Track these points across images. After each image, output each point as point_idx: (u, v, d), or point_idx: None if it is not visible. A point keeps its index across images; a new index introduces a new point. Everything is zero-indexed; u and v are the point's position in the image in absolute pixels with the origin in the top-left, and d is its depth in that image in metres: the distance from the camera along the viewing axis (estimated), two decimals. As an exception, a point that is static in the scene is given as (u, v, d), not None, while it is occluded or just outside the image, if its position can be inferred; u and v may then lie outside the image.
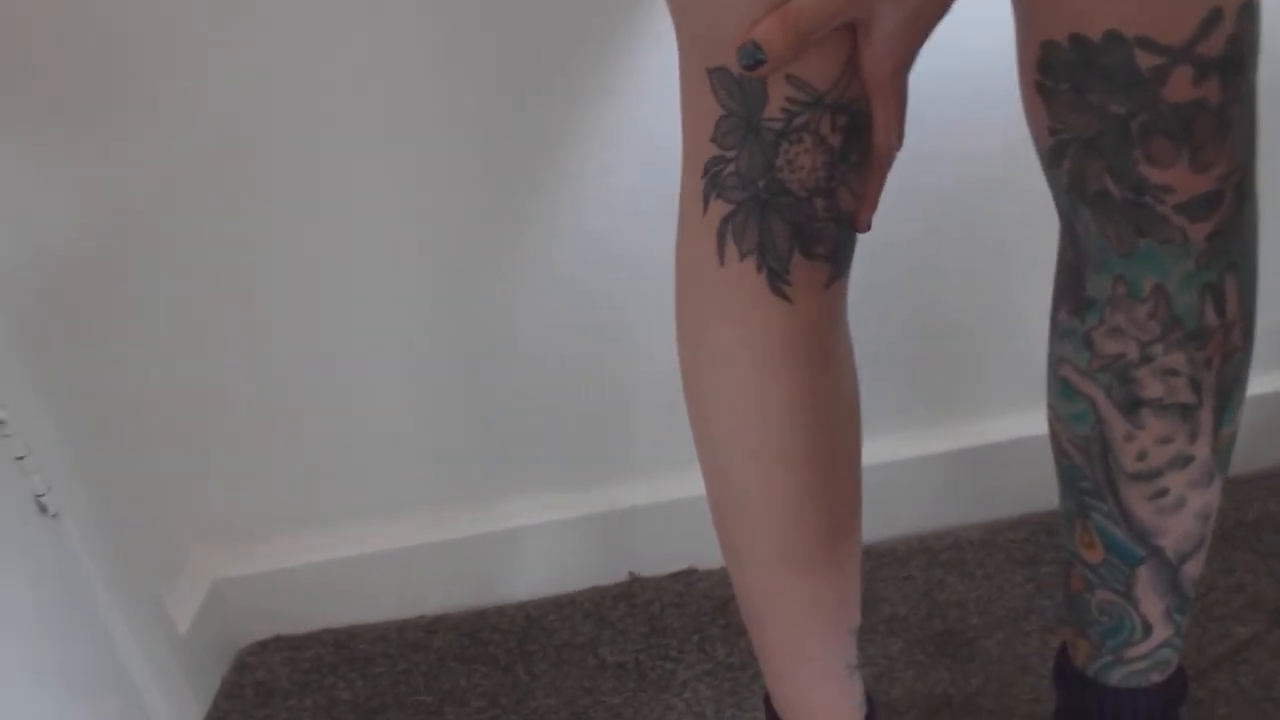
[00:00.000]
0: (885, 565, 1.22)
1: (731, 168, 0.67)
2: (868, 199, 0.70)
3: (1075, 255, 0.72)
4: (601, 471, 1.25)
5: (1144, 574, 0.79)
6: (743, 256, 0.69)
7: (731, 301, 0.71)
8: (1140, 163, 0.65)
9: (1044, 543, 1.21)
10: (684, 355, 0.77)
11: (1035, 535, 1.22)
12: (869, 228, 0.71)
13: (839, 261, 0.71)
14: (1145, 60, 0.62)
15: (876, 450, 1.24)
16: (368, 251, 1.14)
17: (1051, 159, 0.70)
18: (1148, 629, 0.82)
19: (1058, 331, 0.77)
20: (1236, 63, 0.63)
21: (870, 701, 0.88)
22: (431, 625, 1.25)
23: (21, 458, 1.05)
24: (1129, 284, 0.69)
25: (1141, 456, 0.74)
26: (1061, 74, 0.65)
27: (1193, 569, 0.80)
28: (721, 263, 0.70)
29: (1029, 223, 1.19)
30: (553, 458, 1.25)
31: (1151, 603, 0.81)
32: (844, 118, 0.65)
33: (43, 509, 1.08)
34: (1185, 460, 0.74)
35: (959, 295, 1.20)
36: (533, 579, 1.27)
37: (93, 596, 1.12)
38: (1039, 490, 1.23)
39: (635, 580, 1.26)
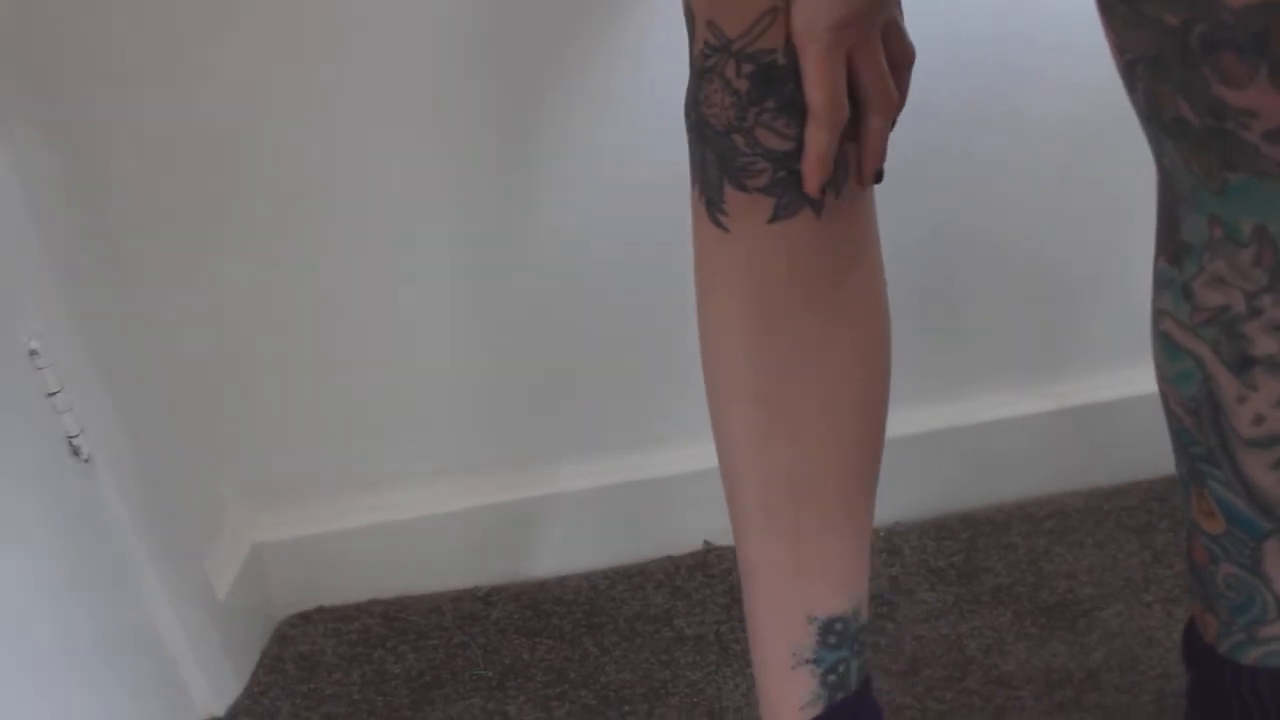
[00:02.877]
0: (983, 533, 1.13)
1: (686, 98, 0.70)
2: (810, 157, 0.67)
3: (1168, 194, 0.64)
4: (669, 432, 1.16)
5: (1272, 548, 0.69)
6: (693, 183, 0.72)
7: (699, 223, 0.72)
8: (1212, 83, 0.55)
9: (1156, 510, 1.11)
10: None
11: (1146, 503, 1.12)
12: (873, 180, 0.70)
13: (786, 201, 0.68)
14: None
15: (965, 411, 1.18)
16: (418, 214, 1.07)
17: (1128, 85, 0.61)
18: None
19: (1158, 282, 0.68)
20: None
21: (848, 703, 0.78)
22: (488, 596, 1.15)
23: (54, 394, 0.96)
24: (1226, 226, 0.60)
25: (1258, 421, 0.65)
26: None
27: None
28: (692, 190, 0.72)
29: (1135, 165, 1.12)
30: (616, 418, 1.16)
31: None
32: (750, 65, 0.65)
33: (75, 451, 0.98)
34: None
35: (1060, 243, 1.12)
36: (597, 548, 1.18)
37: (126, 552, 1.02)
38: (1148, 454, 1.15)
39: (711, 549, 1.16)
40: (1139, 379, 1.15)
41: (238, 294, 1.09)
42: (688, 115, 0.70)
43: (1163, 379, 0.71)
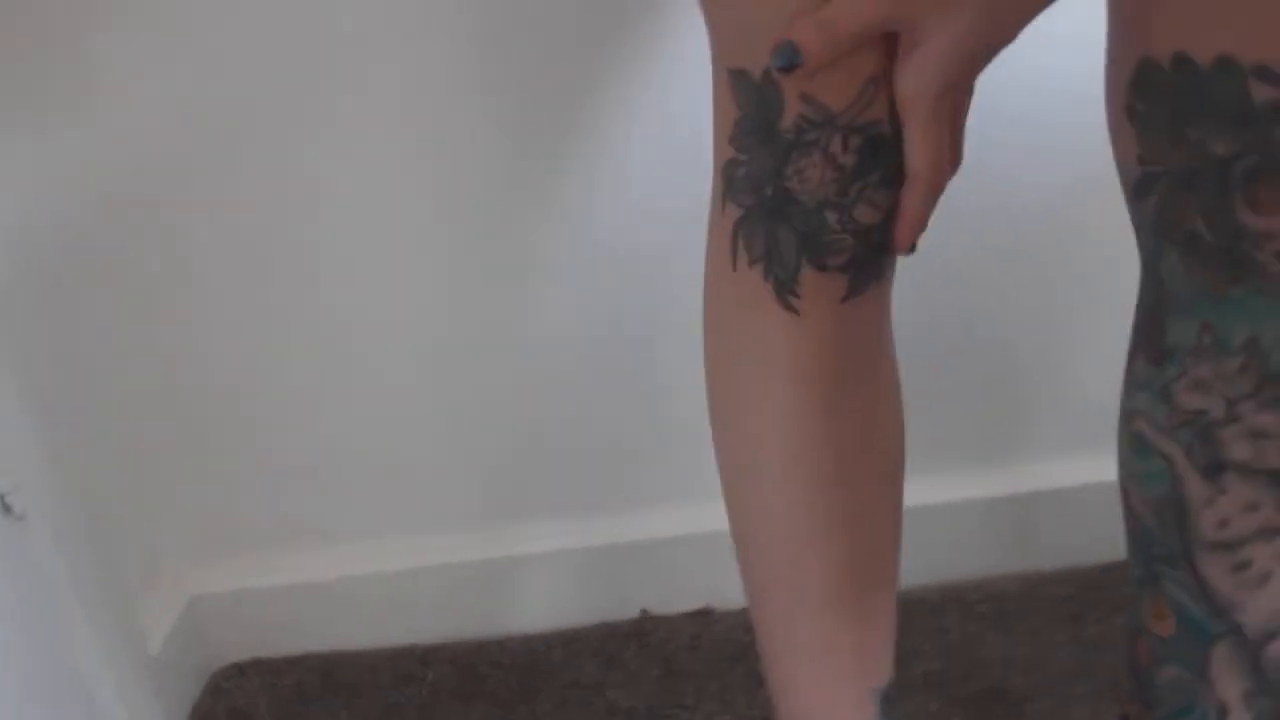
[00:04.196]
0: (917, 615, 1.13)
1: (744, 170, 0.66)
2: (906, 220, 0.65)
3: (1157, 298, 0.64)
4: (614, 500, 1.16)
5: (1220, 652, 0.70)
6: (752, 263, 0.68)
7: (748, 306, 0.69)
8: (1240, 208, 0.57)
9: (1090, 599, 1.13)
10: (708, 356, 0.74)
11: (1081, 591, 1.13)
12: (911, 250, 0.67)
13: (859, 276, 0.66)
14: (1261, 93, 0.54)
15: (911, 492, 1.18)
16: (370, 262, 1.07)
17: (1137, 192, 0.62)
18: (1222, 714, 0.72)
19: (1134, 382, 0.68)
20: None
21: None
22: (426, 656, 1.15)
23: (-14, 450, 0.96)
24: (1217, 333, 0.61)
25: (1223, 524, 0.66)
26: (1158, 99, 0.57)
27: (1278, 651, 0.70)
28: (734, 267, 0.69)
29: (1092, 262, 1.14)
30: (561, 483, 1.16)
31: (1228, 684, 0.71)
32: (859, 139, 0.63)
33: (7, 509, 0.97)
34: (1273, 531, 0.65)
35: (1013, 331, 1.13)
36: (537, 611, 1.18)
37: (58, 607, 1.01)
38: (1084, 543, 1.17)
39: (647, 618, 1.17)
40: (1080, 469, 1.17)
41: (178, 347, 1.08)
42: (751, 193, 0.66)
43: (1129, 477, 0.71)
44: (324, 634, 1.17)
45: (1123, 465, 0.71)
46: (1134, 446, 0.69)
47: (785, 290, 0.67)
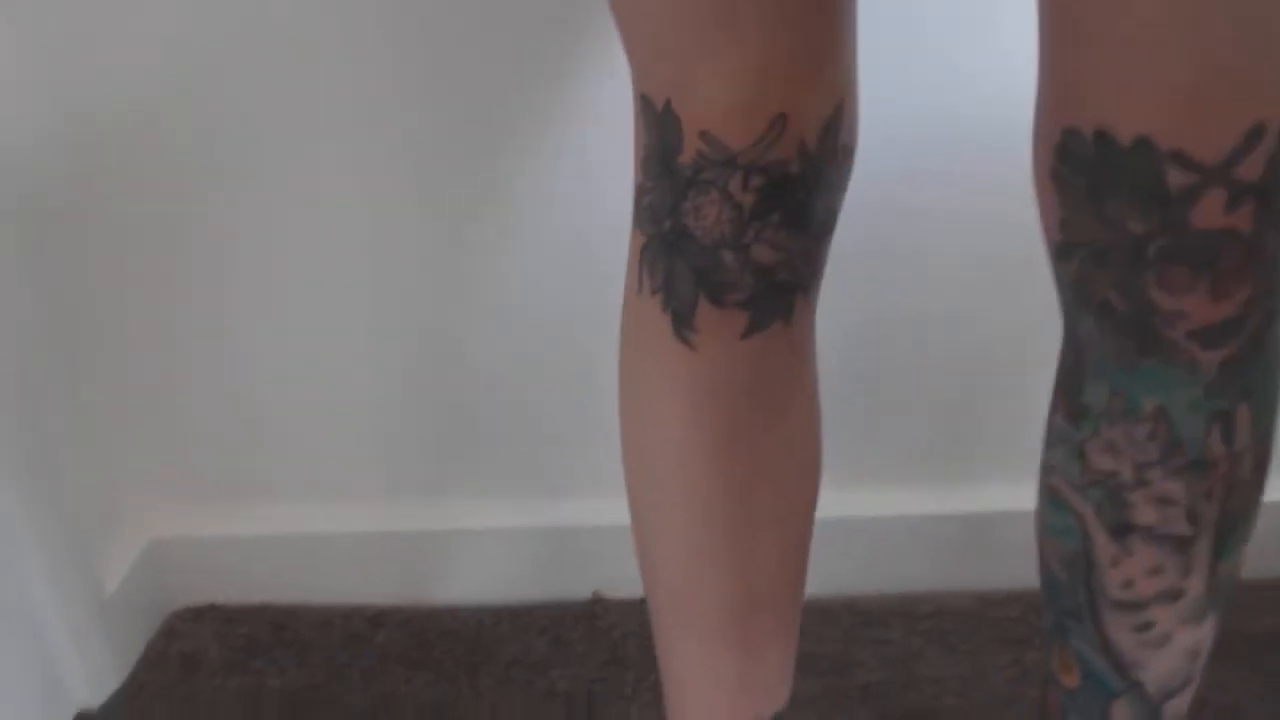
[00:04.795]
0: (864, 625, 1.15)
1: (648, 200, 0.65)
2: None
3: (1075, 358, 0.65)
4: (576, 483, 1.17)
5: (1121, 708, 0.72)
6: (654, 291, 0.67)
7: (650, 332, 0.68)
8: (1151, 287, 0.57)
9: (1035, 624, 1.14)
10: (619, 368, 0.73)
11: (1026, 615, 1.14)
12: None
13: (760, 314, 0.65)
14: (1176, 178, 0.54)
15: (869, 502, 1.18)
16: (340, 228, 1.07)
17: (1058, 255, 0.62)
18: None
19: (1052, 437, 0.69)
20: (1277, 187, 0.55)
21: None
22: (377, 618, 1.17)
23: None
24: (1128, 400, 0.62)
25: (1127, 585, 0.67)
26: (1079, 169, 0.57)
27: (1177, 708, 0.72)
28: (640, 292, 0.68)
29: (1049, 287, 1.13)
30: (525, 462, 1.17)
31: None
32: (760, 179, 0.61)
33: (-34, 448, 1.00)
34: (1175, 594, 0.67)
35: (976, 353, 1.12)
36: (491, 584, 1.19)
37: (13, 541, 1.03)
38: (1036, 567, 1.17)
39: (599, 601, 1.18)
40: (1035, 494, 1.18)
41: (146, 297, 1.09)
42: (652, 224, 0.65)
43: (1043, 530, 0.72)
44: (281, 586, 1.19)
45: (1039, 517, 0.73)
46: (1050, 500, 0.70)
47: (682, 324, 0.66)
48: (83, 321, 1.09)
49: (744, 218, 0.62)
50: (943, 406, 1.14)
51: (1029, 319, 1.12)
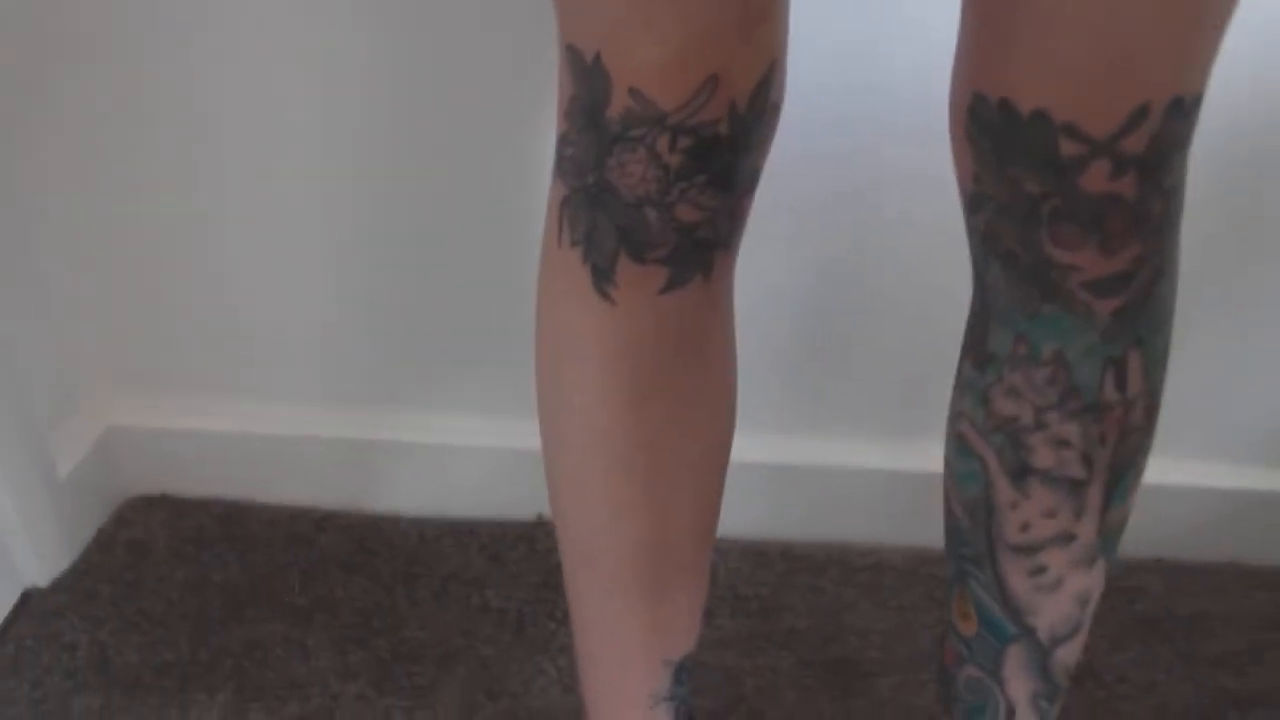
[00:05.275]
0: (798, 570, 1.17)
1: (571, 151, 0.65)
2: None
3: (983, 306, 0.69)
4: (531, 405, 1.18)
5: (1014, 653, 0.75)
6: (574, 244, 0.67)
7: (568, 283, 0.68)
8: (1047, 242, 0.62)
9: (967, 586, 1.15)
10: (536, 319, 0.73)
11: (960, 576, 1.16)
12: None
13: (681, 270, 0.65)
14: (1067, 148, 0.59)
15: (816, 450, 1.19)
16: (307, 127, 1.06)
17: (970, 206, 0.66)
18: (1010, 713, 0.78)
19: (960, 384, 0.72)
20: (1158, 159, 0.60)
21: None
22: (322, 521, 1.20)
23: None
24: (1030, 345, 0.66)
25: (1024, 528, 0.70)
26: (986, 132, 0.62)
27: (1066, 655, 0.75)
28: (559, 244, 0.68)
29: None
30: (482, 380, 1.18)
31: (1018, 685, 0.76)
32: (689, 140, 0.60)
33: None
34: (1068, 538, 0.70)
35: (934, 309, 1.11)
36: (437, 497, 1.21)
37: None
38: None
39: (541, 524, 1.20)
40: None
41: (112, 189, 1.09)
42: (575, 176, 0.65)
43: (949, 477, 0.75)
44: (232, 482, 1.21)
45: (947, 464, 0.75)
46: (956, 447, 0.73)
47: (602, 278, 0.66)
48: (39, 201, 1.09)
49: (669, 178, 0.62)
50: (895, 364, 1.14)
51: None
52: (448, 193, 1.09)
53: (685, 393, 0.72)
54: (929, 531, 1.20)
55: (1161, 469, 0.83)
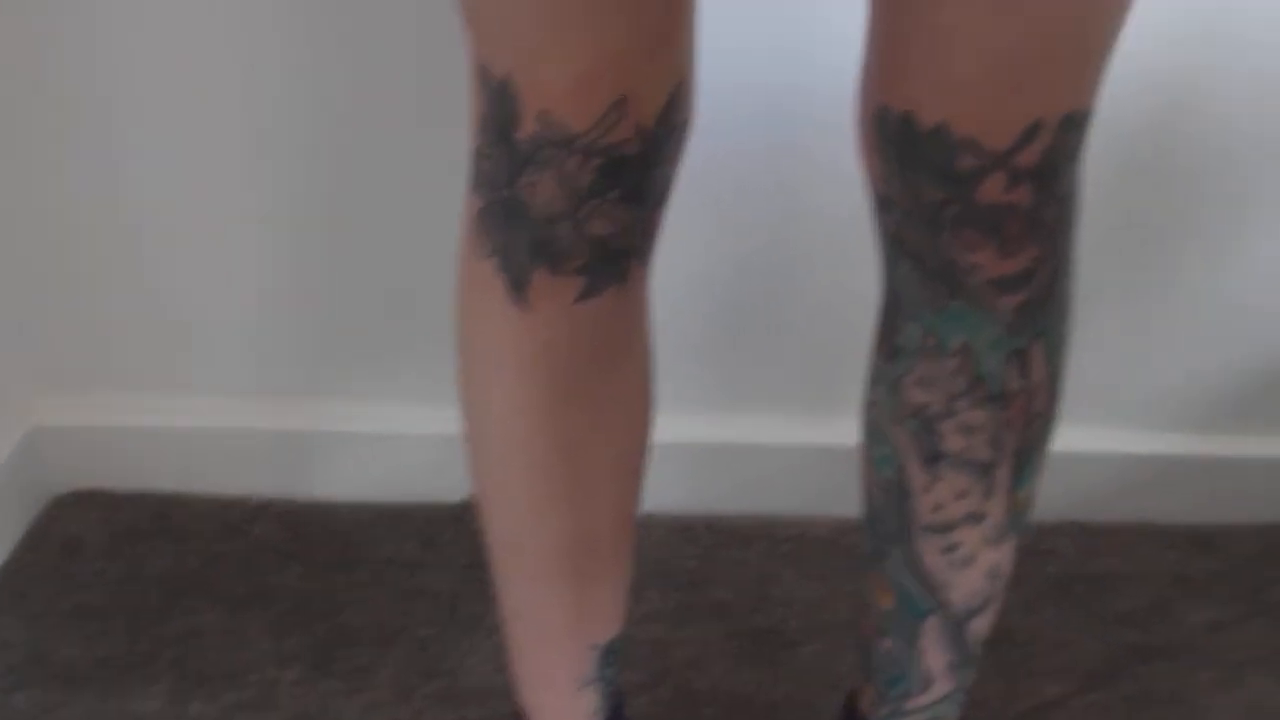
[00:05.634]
0: (723, 543, 1.20)
1: (485, 165, 0.66)
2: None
3: (892, 300, 0.73)
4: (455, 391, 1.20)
5: (930, 626, 0.79)
6: (489, 255, 0.68)
7: (484, 293, 0.70)
8: (949, 245, 0.65)
9: (887, 554, 1.19)
10: (455, 323, 0.75)
11: (881, 544, 1.20)
12: None
13: (595, 280, 0.67)
14: (966, 161, 0.62)
15: (740, 427, 1.22)
16: (230, 112, 1.07)
17: (878, 208, 0.70)
18: (928, 682, 0.82)
19: (872, 374, 0.77)
20: (1052, 170, 0.63)
21: (619, 712, 0.88)
22: (256, 511, 1.21)
23: None
24: (938, 338, 0.70)
25: (937, 508, 0.75)
26: (890, 141, 0.65)
27: (979, 626, 0.80)
28: (476, 255, 0.70)
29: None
30: (407, 368, 1.20)
31: (934, 656, 0.81)
32: (599, 160, 0.62)
33: None
34: (978, 517, 0.74)
35: (855, 286, 1.14)
36: (368, 482, 1.23)
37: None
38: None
39: (469, 507, 1.19)
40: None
41: (39, 168, 1.09)
42: (489, 190, 0.66)
43: (865, 461, 0.79)
44: (164, 475, 1.22)
45: (862, 450, 0.79)
46: (871, 433, 0.77)
47: (517, 288, 0.67)
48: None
49: (581, 195, 0.63)
50: (810, 345, 1.17)
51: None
52: (371, 182, 1.10)
53: (602, 398, 0.74)
54: (849, 502, 1.24)
55: (1073, 437, 0.88)
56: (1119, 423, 1.21)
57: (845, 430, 1.21)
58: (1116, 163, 1.05)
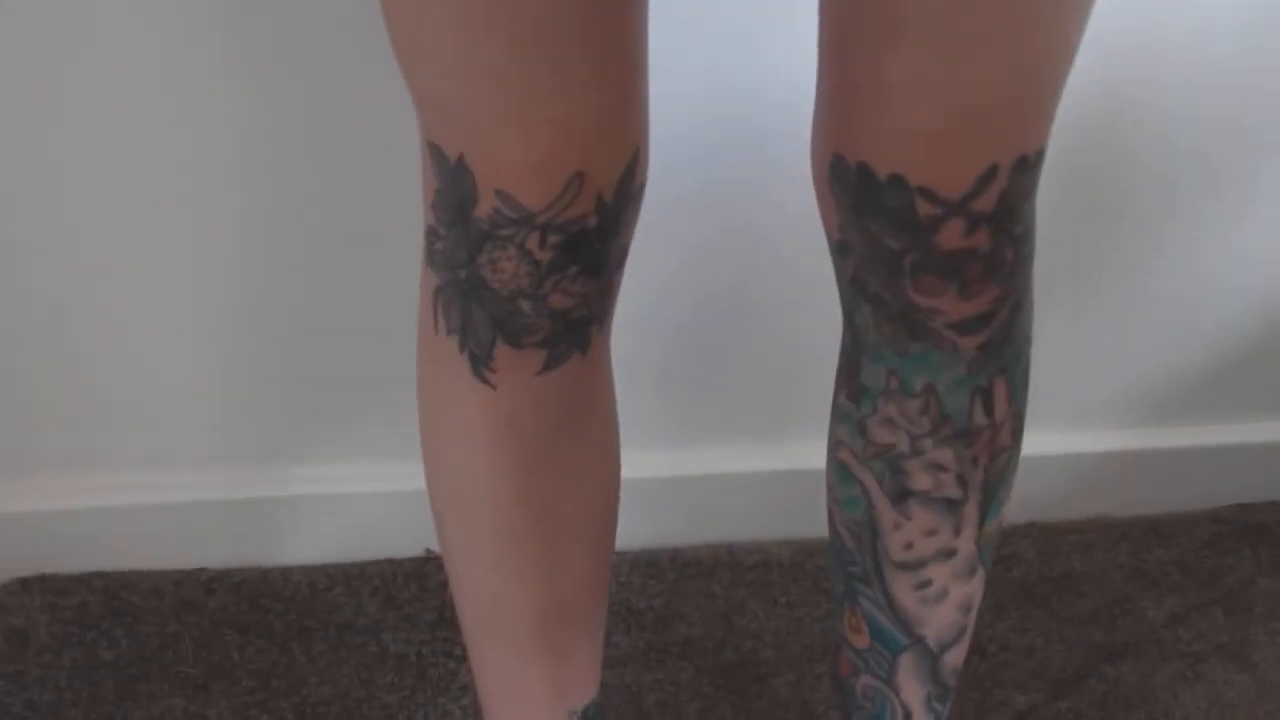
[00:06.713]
0: (689, 577, 1.19)
1: (440, 245, 0.66)
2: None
3: (853, 343, 0.73)
4: (406, 445, 1.17)
5: (906, 661, 0.80)
6: (450, 332, 0.68)
7: (447, 370, 0.70)
8: (909, 290, 0.66)
9: (851, 573, 1.19)
10: (419, 400, 0.75)
11: (844, 564, 1.20)
12: None
13: (557, 351, 0.67)
14: (923, 209, 0.63)
15: (697, 459, 1.22)
16: (173, 185, 1.03)
17: (838, 252, 0.69)
18: (907, 716, 0.83)
19: (837, 414, 0.77)
20: (1008, 212, 0.64)
21: None
22: (211, 582, 1.18)
23: None
24: (902, 380, 0.70)
25: (908, 546, 0.75)
26: (846, 189, 0.65)
27: (953, 659, 0.81)
28: (435, 331, 0.69)
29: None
30: (355, 426, 1.17)
31: (912, 690, 0.81)
32: (558, 236, 0.62)
33: None
34: (949, 553, 0.75)
35: (803, 317, 1.14)
36: (323, 543, 1.20)
37: None
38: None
39: (431, 559, 1.20)
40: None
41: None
42: (446, 270, 0.65)
43: (833, 501, 0.80)
44: (112, 554, 1.18)
45: (830, 489, 0.79)
46: (838, 473, 0.77)
47: (480, 364, 0.68)
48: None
49: (541, 272, 0.63)
50: (766, 371, 1.17)
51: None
52: (318, 244, 1.08)
53: (569, 464, 0.74)
54: (808, 524, 1.25)
55: (1031, 440, 0.88)
56: (1070, 423, 1.22)
57: (798, 454, 1.23)
58: (1057, 171, 1.05)
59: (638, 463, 1.07)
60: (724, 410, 1.19)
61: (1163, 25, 1.03)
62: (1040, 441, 1.21)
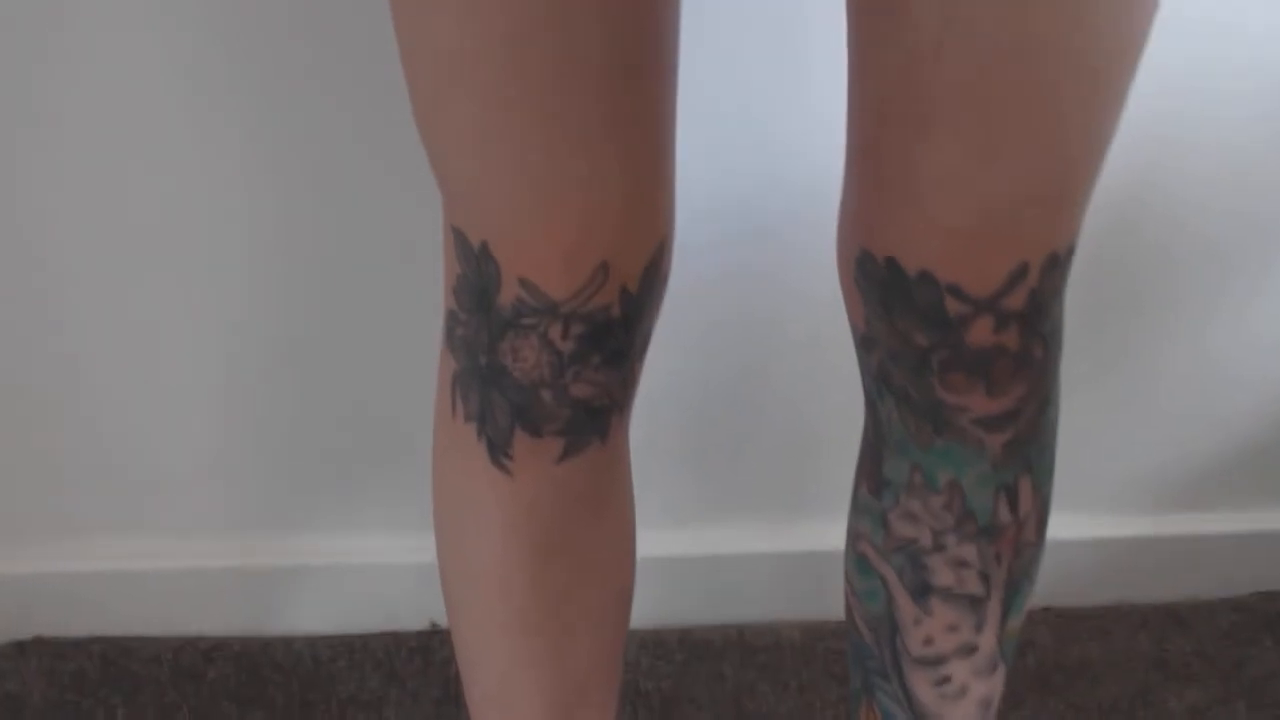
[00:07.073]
0: (698, 657, 1.17)
1: (461, 331, 0.65)
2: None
3: (876, 435, 0.71)
4: (405, 517, 1.15)
5: None
6: (467, 419, 0.67)
7: (464, 455, 0.69)
8: (937, 386, 0.65)
9: (864, 657, 1.17)
10: (433, 481, 0.74)
11: (856, 647, 1.17)
12: None
13: (576, 440, 0.66)
14: (953, 306, 0.62)
15: (708, 540, 1.20)
16: (184, 239, 1.02)
17: (862, 345, 0.68)
18: None
19: (857, 506, 0.75)
20: (1038, 310, 0.63)
21: None
22: (210, 651, 1.15)
23: None
24: (925, 474, 0.68)
25: (928, 642, 0.73)
26: (874, 285, 0.65)
27: None
28: (453, 416, 0.68)
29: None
30: (361, 497, 1.16)
31: None
32: (581, 326, 0.61)
33: None
34: (970, 649, 0.73)
35: (814, 399, 1.13)
36: (326, 614, 1.18)
37: None
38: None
39: (436, 632, 1.18)
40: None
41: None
42: (466, 355, 0.65)
43: (852, 593, 0.78)
44: (111, 618, 1.16)
45: (849, 581, 0.77)
46: (858, 566, 0.76)
47: (498, 452, 0.67)
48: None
49: (563, 362, 0.62)
50: (779, 453, 1.15)
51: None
52: (326, 316, 1.07)
53: (586, 549, 0.73)
54: (821, 607, 1.23)
55: (1049, 524, 0.87)
56: (1089, 508, 1.19)
57: (810, 535, 1.21)
58: (1077, 258, 1.04)
59: (646, 541, 1.05)
60: (735, 490, 1.17)
61: (1181, 113, 1.02)
62: (1058, 525, 1.18)
